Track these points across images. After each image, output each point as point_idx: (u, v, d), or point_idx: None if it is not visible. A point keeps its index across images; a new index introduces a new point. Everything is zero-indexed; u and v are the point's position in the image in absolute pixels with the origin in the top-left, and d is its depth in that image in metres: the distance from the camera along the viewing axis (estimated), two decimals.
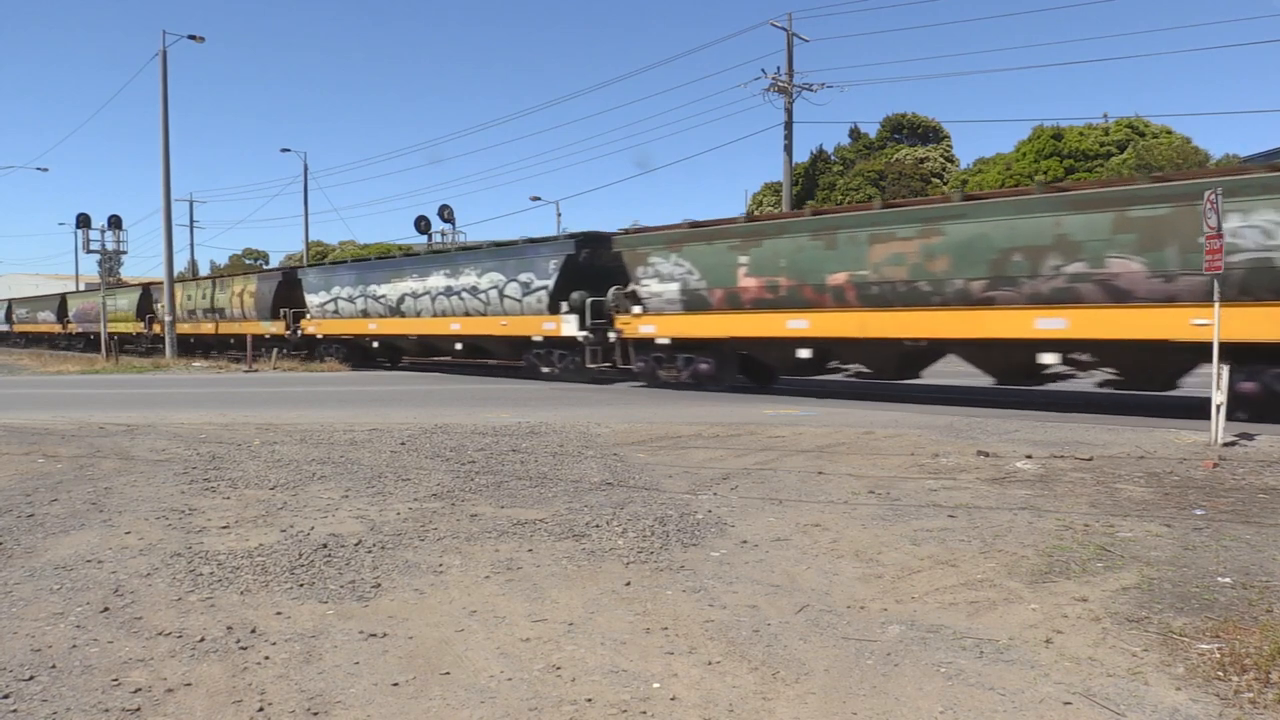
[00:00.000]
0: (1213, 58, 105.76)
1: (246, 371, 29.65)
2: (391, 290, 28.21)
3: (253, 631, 4.52)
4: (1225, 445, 10.14)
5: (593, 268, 21.98)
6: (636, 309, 20.25)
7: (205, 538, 6.41)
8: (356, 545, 6.13)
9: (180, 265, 54.62)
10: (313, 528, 6.65)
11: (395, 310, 28.15)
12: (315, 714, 3.60)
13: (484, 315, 24.76)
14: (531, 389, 21.23)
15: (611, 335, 20.96)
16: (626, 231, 21.22)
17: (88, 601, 5.01)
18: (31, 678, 3.96)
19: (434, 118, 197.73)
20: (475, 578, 5.45)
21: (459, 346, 26.21)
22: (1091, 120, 44.33)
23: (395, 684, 3.89)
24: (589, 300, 21.43)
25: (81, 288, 63.94)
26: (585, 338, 21.56)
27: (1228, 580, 5.19)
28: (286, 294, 33.75)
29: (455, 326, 25.76)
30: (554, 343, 22.76)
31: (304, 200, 55.18)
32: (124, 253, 38.93)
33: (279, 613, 4.82)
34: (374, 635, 4.47)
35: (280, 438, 11.63)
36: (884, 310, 15.84)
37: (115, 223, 37.99)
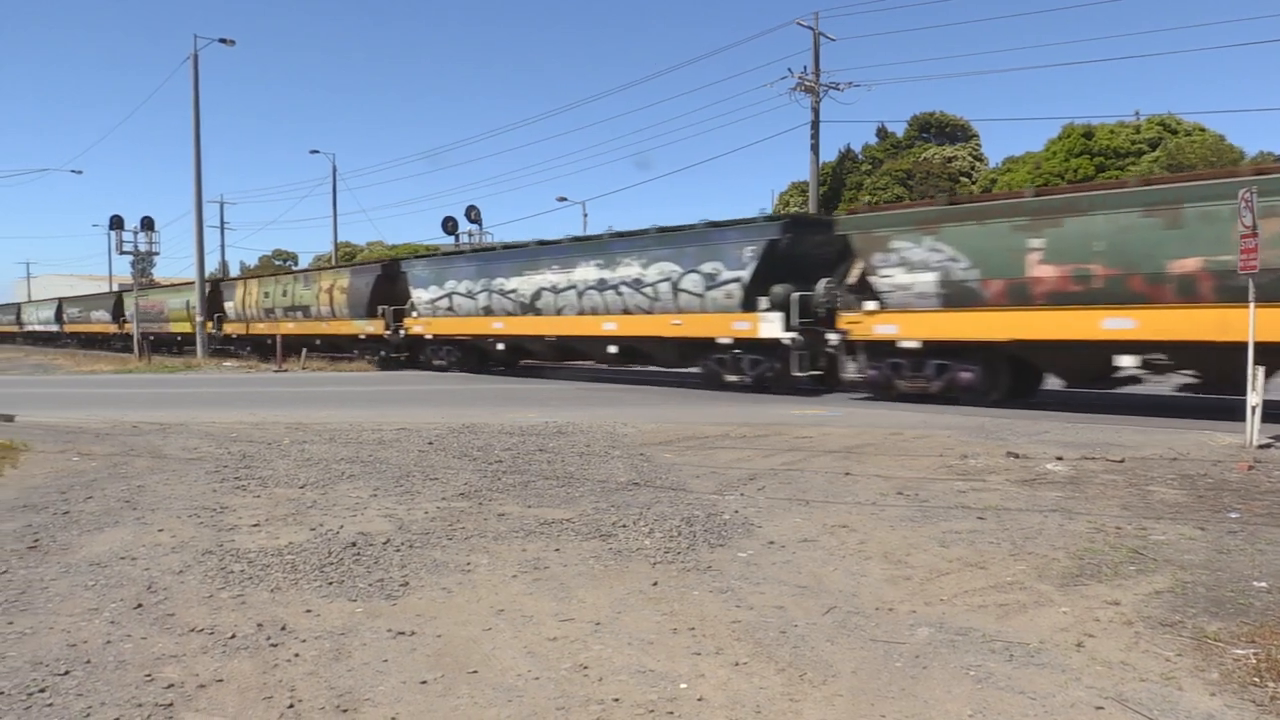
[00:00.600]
0: (1245, 54, 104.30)
1: (276, 371, 29.93)
2: (524, 284, 24.07)
3: (283, 629, 4.56)
4: (1260, 447, 9.98)
5: (795, 256, 18.36)
6: (870, 304, 16.65)
7: (236, 536, 6.48)
8: (385, 544, 6.17)
9: (211, 266, 55.00)
10: (342, 526, 6.71)
11: (529, 307, 23.97)
12: (344, 711, 3.63)
13: (649, 313, 20.63)
14: (554, 389, 21.25)
15: (832, 337, 17.37)
16: (855, 211, 17.73)
17: (121, 598, 5.08)
18: (67, 672, 4.02)
19: (460, 119, 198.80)
20: (503, 577, 5.47)
21: (613, 349, 22.04)
22: (1123, 118, 43.81)
23: (423, 682, 3.91)
24: (795, 295, 17.85)
25: (115, 288, 64.21)
26: (792, 340, 17.83)
27: (1263, 584, 5.11)
28: (386, 289, 29.56)
29: (609, 326, 21.49)
30: (746, 346, 18.89)
31: (333, 201, 55.59)
32: (156, 254, 39.64)
33: (309, 610, 4.86)
34: (402, 633, 4.50)
35: (309, 437, 11.73)
36: (1260, 306, 11.56)
37: (148, 224, 38.58)
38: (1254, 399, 10.15)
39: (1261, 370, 10.29)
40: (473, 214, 39.28)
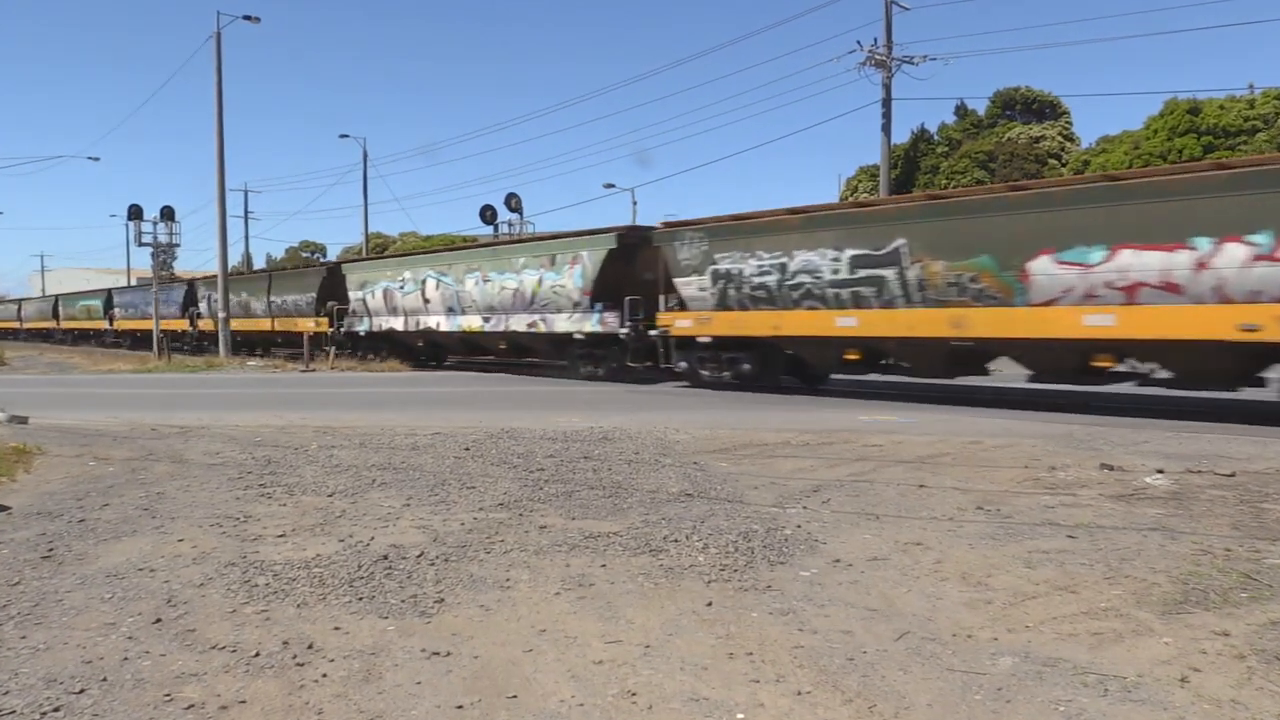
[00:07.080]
0: None
1: (303, 371, 30.42)
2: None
3: (310, 647, 4.63)
4: None
5: None
6: None
7: (261, 547, 6.59)
8: (418, 557, 6.23)
9: (234, 258, 55.81)
10: (373, 538, 6.79)
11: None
12: None
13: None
14: (605, 391, 21.26)
15: None
16: None
17: (140, 612, 5.19)
18: (82, 691, 4.11)
19: (502, 101, 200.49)
20: (544, 594, 5.49)
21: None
22: (1234, 92, 42.76)
23: (459, 706, 3.94)
24: None
25: (133, 282, 64.80)
26: None
27: None
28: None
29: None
30: None
31: (363, 189, 56.45)
32: (177, 245, 40.41)
33: (337, 628, 4.92)
34: (437, 654, 4.54)
35: (339, 441, 11.90)
36: None
37: (168, 214, 39.34)
38: None
39: None
40: (513, 202, 39.51)
